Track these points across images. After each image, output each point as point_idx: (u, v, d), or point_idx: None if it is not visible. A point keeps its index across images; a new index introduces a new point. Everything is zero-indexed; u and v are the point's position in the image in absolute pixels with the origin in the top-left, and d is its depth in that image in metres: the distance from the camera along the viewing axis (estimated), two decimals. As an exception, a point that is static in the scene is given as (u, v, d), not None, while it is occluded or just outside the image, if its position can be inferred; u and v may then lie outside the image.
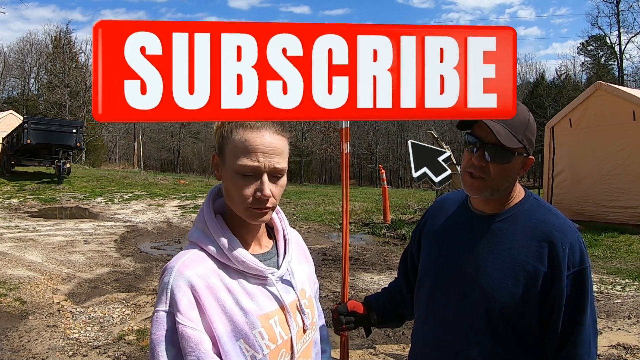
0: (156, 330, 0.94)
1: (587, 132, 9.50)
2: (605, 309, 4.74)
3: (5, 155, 16.20)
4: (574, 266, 1.18)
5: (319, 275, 6.63)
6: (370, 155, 38.25)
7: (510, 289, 1.19)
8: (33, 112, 31.73)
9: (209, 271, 0.99)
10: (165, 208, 12.39)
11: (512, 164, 1.21)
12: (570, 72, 37.63)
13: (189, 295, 0.94)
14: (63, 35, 34.43)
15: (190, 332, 0.92)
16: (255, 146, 0.99)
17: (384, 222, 10.31)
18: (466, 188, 1.27)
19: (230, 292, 0.99)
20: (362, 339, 4.09)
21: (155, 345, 0.93)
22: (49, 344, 3.90)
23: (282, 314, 1.05)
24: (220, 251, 1.01)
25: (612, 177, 9.06)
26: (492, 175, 1.21)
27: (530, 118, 1.25)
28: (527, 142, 1.22)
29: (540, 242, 1.19)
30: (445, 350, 1.25)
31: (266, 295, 1.03)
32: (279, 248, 1.13)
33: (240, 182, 1.00)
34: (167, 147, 40.68)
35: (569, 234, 1.21)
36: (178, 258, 1.00)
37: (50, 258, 6.86)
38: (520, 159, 1.23)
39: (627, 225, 8.62)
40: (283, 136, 1.04)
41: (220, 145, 1.05)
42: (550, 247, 1.18)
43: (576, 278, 1.19)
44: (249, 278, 1.03)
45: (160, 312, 0.95)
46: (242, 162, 0.99)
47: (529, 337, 1.20)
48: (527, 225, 1.23)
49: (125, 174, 19.87)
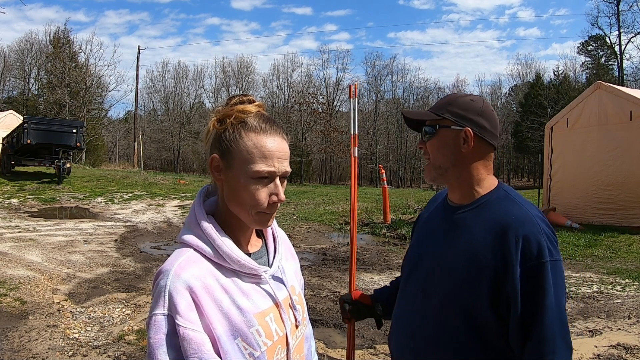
0: (155, 334, 0.93)
1: (584, 131, 9.50)
2: (605, 309, 4.74)
3: (5, 155, 16.18)
4: (529, 260, 1.11)
5: (318, 275, 6.65)
6: (370, 155, 38.24)
7: (464, 281, 1.16)
8: (33, 112, 31.73)
9: (205, 272, 0.99)
10: (165, 208, 12.39)
11: (440, 137, 1.26)
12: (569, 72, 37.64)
13: (187, 297, 0.94)
14: (62, 35, 34.41)
15: (192, 334, 0.92)
16: (270, 151, 1.01)
17: (384, 222, 10.31)
18: (424, 176, 1.36)
19: (227, 291, 0.99)
20: (362, 339, 4.09)
21: (155, 349, 0.92)
22: (49, 344, 3.90)
23: (276, 310, 1.06)
24: (215, 252, 1.01)
25: (606, 177, 9.06)
26: (430, 153, 1.29)
27: (462, 97, 1.29)
28: (450, 114, 1.25)
29: (496, 234, 1.15)
30: (404, 344, 1.30)
31: (260, 294, 1.05)
32: (268, 246, 1.15)
33: (253, 187, 1.01)
34: (167, 147, 40.67)
35: (527, 225, 1.14)
36: (173, 260, 0.99)
37: (50, 258, 6.86)
38: (448, 132, 1.26)
39: (623, 227, 8.63)
40: (287, 139, 1.06)
41: (224, 147, 1.03)
42: (503, 240, 1.14)
43: (531, 273, 1.11)
44: (243, 277, 1.04)
45: (158, 315, 0.94)
46: (259, 167, 1.00)
47: (489, 333, 1.15)
48: (488, 217, 1.20)
49: (125, 174, 19.87)
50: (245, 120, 1.03)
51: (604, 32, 35.82)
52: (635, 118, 8.68)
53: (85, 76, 32.59)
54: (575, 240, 7.99)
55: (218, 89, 42.43)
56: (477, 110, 1.25)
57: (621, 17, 33.90)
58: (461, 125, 1.24)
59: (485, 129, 1.25)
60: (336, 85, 41.29)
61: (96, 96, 35.11)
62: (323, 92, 40.20)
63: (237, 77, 41.87)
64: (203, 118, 42.43)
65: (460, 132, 1.24)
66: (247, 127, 1.02)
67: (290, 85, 40.34)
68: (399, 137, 39.71)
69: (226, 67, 42.17)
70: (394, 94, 42.01)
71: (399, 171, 39.74)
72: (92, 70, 33.85)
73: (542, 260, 1.11)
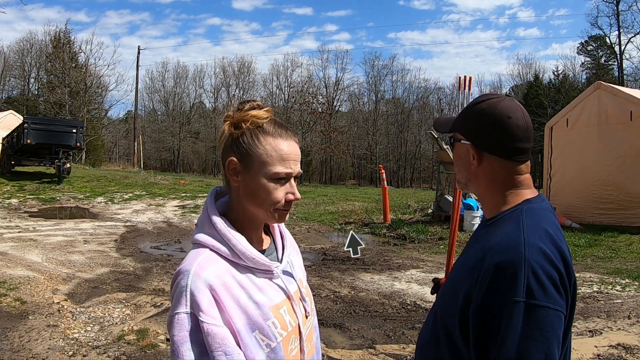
0: (178, 332, 0.98)
1: (584, 131, 9.51)
2: (605, 309, 4.74)
3: (5, 155, 16.18)
4: (496, 295, 0.93)
5: (318, 275, 6.65)
6: (370, 155, 38.23)
7: (448, 296, 1.11)
8: (33, 112, 31.69)
9: (222, 270, 1.05)
10: (165, 208, 12.39)
11: (456, 151, 1.19)
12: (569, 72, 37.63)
13: (208, 295, 1.00)
14: (62, 35, 34.39)
15: (216, 329, 0.98)
16: (288, 154, 1.09)
17: (384, 222, 10.31)
18: None
19: (243, 287, 1.05)
20: (362, 339, 4.10)
21: (179, 346, 0.98)
22: (49, 344, 3.90)
23: (288, 303, 1.13)
24: (231, 251, 1.07)
25: (606, 177, 9.07)
26: None
27: (479, 103, 1.14)
28: (462, 127, 1.15)
29: (479, 257, 1.03)
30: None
31: (273, 288, 1.11)
32: (276, 243, 1.23)
33: (272, 187, 1.08)
34: (167, 147, 40.62)
35: (509, 253, 0.97)
36: (192, 260, 1.04)
37: (50, 258, 6.86)
38: (460, 146, 1.16)
39: (623, 227, 8.63)
40: (299, 142, 1.15)
41: (243, 151, 1.09)
42: (481, 264, 1.00)
43: (492, 310, 0.93)
44: (257, 273, 1.10)
45: (181, 314, 0.99)
46: (278, 169, 1.07)
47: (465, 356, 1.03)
48: (488, 236, 1.08)
49: (125, 174, 19.87)
50: (262, 125, 1.09)
51: (604, 32, 35.81)
52: (635, 118, 8.68)
53: (85, 76, 32.54)
54: (575, 240, 7.99)
55: (218, 89, 42.39)
56: (488, 120, 1.11)
57: (621, 17, 33.90)
58: (467, 140, 1.15)
59: (492, 143, 1.11)
60: (336, 85, 41.30)
61: (96, 96, 35.09)
62: (323, 92, 40.19)
63: (237, 77, 41.84)
64: (203, 118, 42.41)
65: (468, 148, 1.14)
66: (264, 132, 1.09)
67: (290, 85, 40.32)
68: (399, 137, 39.69)
69: (226, 67, 42.14)
70: (394, 94, 41.99)
71: (399, 171, 39.70)
72: (92, 70, 33.85)
73: (512, 298, 0.92)
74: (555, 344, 0.93)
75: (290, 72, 40.90)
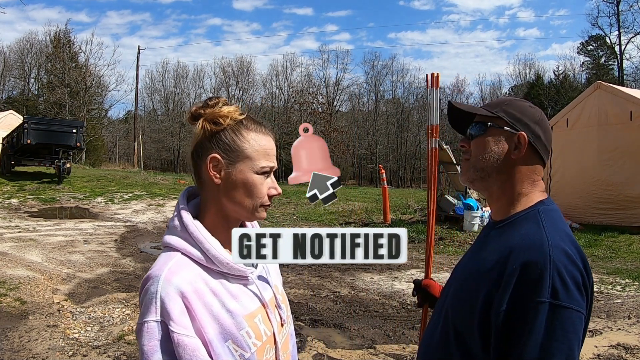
0: (148, 341, 0.93)
1: (584, 131, 9.51)
2: (605, 309, 4.74)
3: (5, 155, 16.17)
4: (522, 294, 0.93)
5: (318, 275, 6.65)
6: (370, 155, 38.22)
7: (461, 303, 1.06)
8: (33, 112, 31.65)
9: (194, 276, 0.99)
10: (165, 208, 12.39)
11: (489, 137, 1.11)
12: (569, 72, 37.63)
13: (180, 302, 0.94)
14: (63, 35, 34.38)
15: (187, 339, 0.93)
16: (270, 149, 1.10)
17: (384, 222, 10.31)
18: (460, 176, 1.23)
19: (216, 295, 1.00)
20: (362, 339, 4.10)
21: (149, 356, 0.93)
22: (49, 344, 3.90)
23: (263, 311, 1.08)
24: (204, 255, 1.01)
25: (606, 177, 9.06)
26: (472, 153, 1.14)
27: (520, 100, 1.16)
28: (506, 114, 1.11)
29: (499, 257, 1.00)
30: None
31: (248, 295, 1.06)
32: None
33: (258, 182, 1.06)
34: (167, 147, 40.60)
35: (533, 252, 0.96)
36: (162, 265, 0.98)
37: (50, 258, 6.86)
38: (499, 132, 1.11)
39: (623, 227, 8.63)
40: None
41: (226, 147, 1.05)
42: (504, 265, 0.98)
43: (518, 310, 0.93)
44: (231, 279, 1.04)
45: (150, 322, 0.94)
46: (263, 164, 1.07)
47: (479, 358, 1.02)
48: (506, 237, 1.05)
49: (125, 174, 19.87)
50: (242, 121, 1.07)
51: (604, 32, 35.79)
52: (635, 118, 8.68)
53: (85, 76, 32.54)
54: (575, 240, 7.98)
55: (218, 89, 42.36)
56: (535, 117, 1.12)
57: (621, 17, 33.88)
58: (516, 129, 1.10)
59: (540, 139, 1.12)
60: (336, 85, 41.29)
61: (96, 96, 35.06)
62: (323, 92, 40.18)
63: (237, 77, 41.84)
64: (203, 118, 42.29)
65: (514, 136, 1.10)
66: (246, 128, 1.07)
67: (290, 85, 40.32)
68: (399, 137, 39.67)
69: (226, 67, 42.12)
70: (394, 94, 41.97)
71: (399, 171, 39.68)
72: (92, 70, 33.84)
73: (537, 298, 0.91)
74: (577, 345, 0.93)
75: (290, 72, 40.93)
